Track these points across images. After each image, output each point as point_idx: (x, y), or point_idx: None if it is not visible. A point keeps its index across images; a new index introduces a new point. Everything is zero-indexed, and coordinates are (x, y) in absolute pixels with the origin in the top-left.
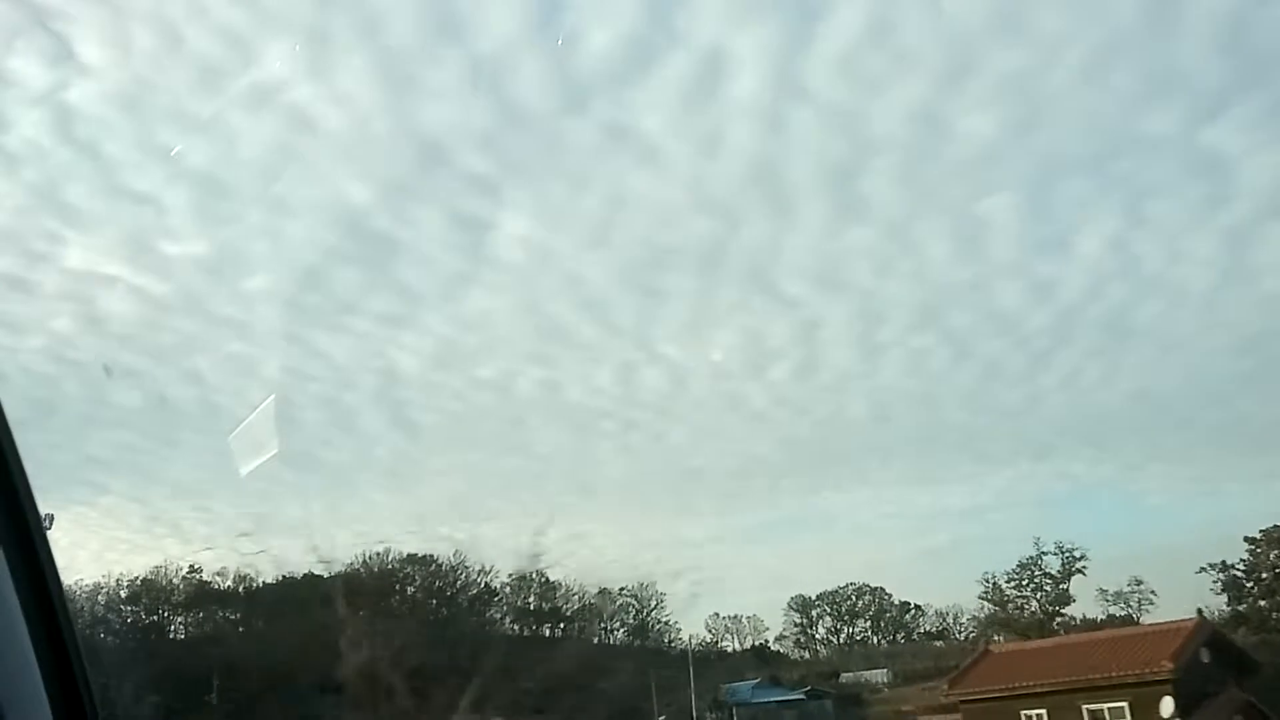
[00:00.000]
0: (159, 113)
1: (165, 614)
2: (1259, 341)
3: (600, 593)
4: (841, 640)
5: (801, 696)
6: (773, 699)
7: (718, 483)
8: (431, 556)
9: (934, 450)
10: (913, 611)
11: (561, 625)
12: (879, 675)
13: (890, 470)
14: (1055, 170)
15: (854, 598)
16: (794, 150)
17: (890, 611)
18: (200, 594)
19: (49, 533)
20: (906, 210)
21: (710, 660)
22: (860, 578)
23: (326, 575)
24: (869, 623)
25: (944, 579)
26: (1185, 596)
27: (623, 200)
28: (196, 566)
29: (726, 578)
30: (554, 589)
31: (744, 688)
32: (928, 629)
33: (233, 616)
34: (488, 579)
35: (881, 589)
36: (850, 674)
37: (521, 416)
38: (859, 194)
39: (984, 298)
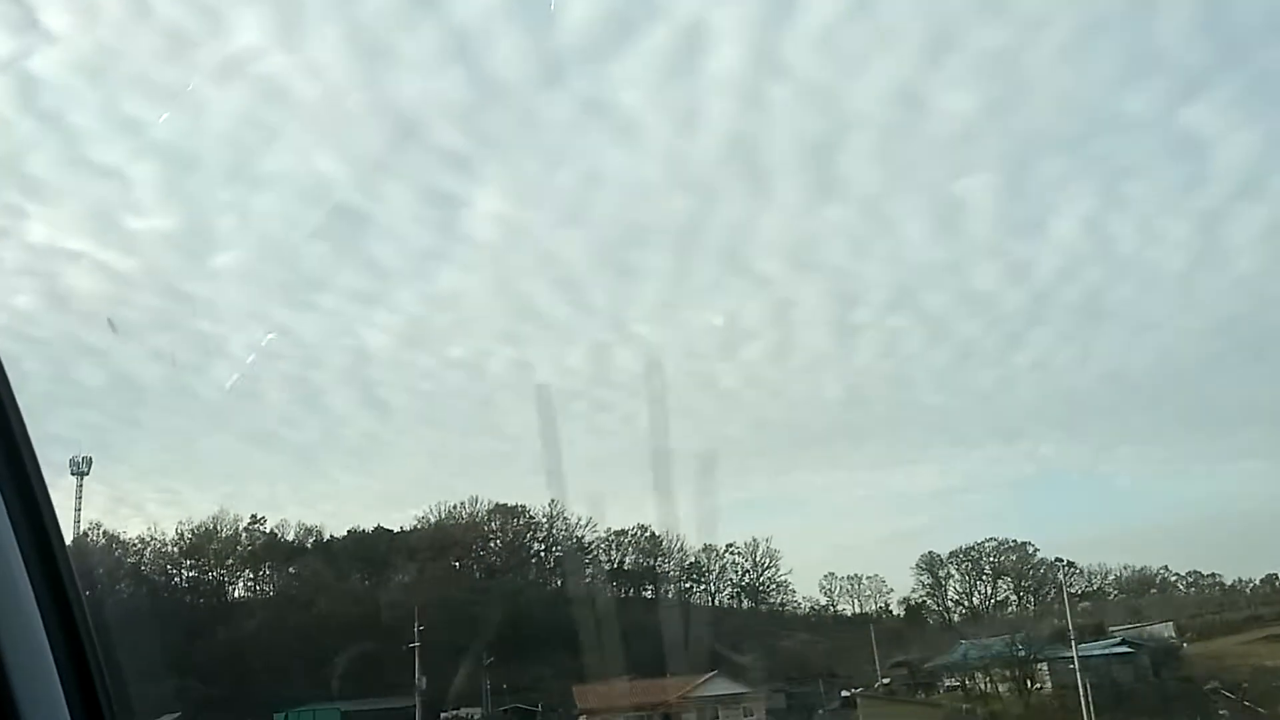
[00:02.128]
0: (126, 83)
1: (232, 568)
2: (1230, 324)
3: (705, 549)
4: (978, 601)
5: (1128, 649)
6: (1096, 652)
7: (688, 464)
8: (523, 507)
9: (907, 432)
10: (1065, 569)
11: (653, 585)
12: (1165, 629)
13: (863, 453)
14: (1033, 150)
15: (994, 555)
16: (772, 127)
17: (1041, 569)
18: (269, 547)
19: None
20: (883, 189)
21: (846, 623)
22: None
23: (397, 530)
24: (1012, 582)
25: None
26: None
27: (598, 177)
28: (259, 518)
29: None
30: (657, 543)
31: (995, 643)
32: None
33: (303, 573)
34: (582, 533)
35: (1028, 544)
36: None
37: (492, 397)
38: (836, 172)
39: (959, 278)
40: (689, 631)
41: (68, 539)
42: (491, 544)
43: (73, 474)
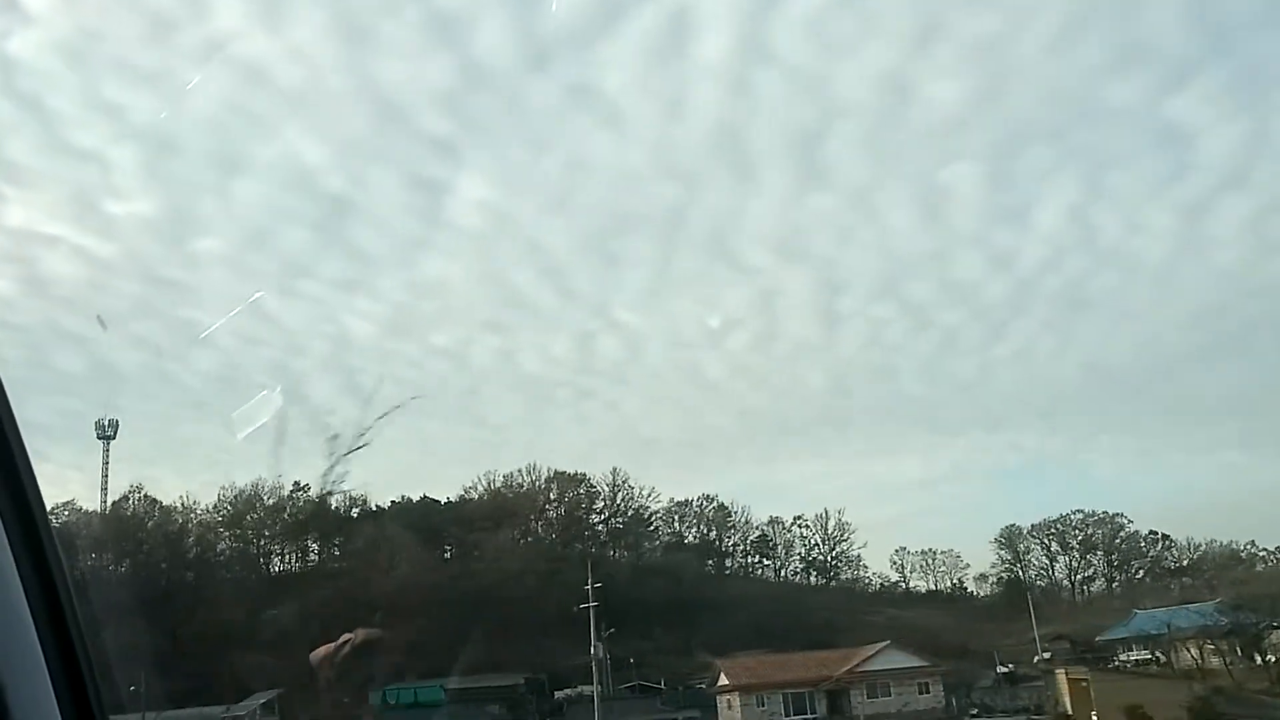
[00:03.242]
0: (106, 65)
1: (279, 537)
2: (1210, 315)
3: (771, 521)
4: (1065, 575)
5: None
6: None
7: (672, 452)
8: (582, 475)
9: (890, 422)
10: (1161, 543)
11: (717, 558)
12: None
13: (847, 442)
14: (1019, 139)
15: (1086, 527)
16: (758, 115)
17: (1137, 543)
18: (318, 516)
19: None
20: (869, 178)
21: (928, 599)
22: None
23: (445, 501)
24: (1103, 556)
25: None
26: None
27: (584, 164)
28: (304, 485)
29: None
30: (725, 514)
31: (1161, 615)
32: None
33: (359, 543)
34: (645, 502)
35: (1119, 515)
36: None
37: (477, 386)
38: (822, 160)
39: (943, 267)
40: (779, 606)
41: (95, 505)
42: (550, 513)
43: (99, 438)
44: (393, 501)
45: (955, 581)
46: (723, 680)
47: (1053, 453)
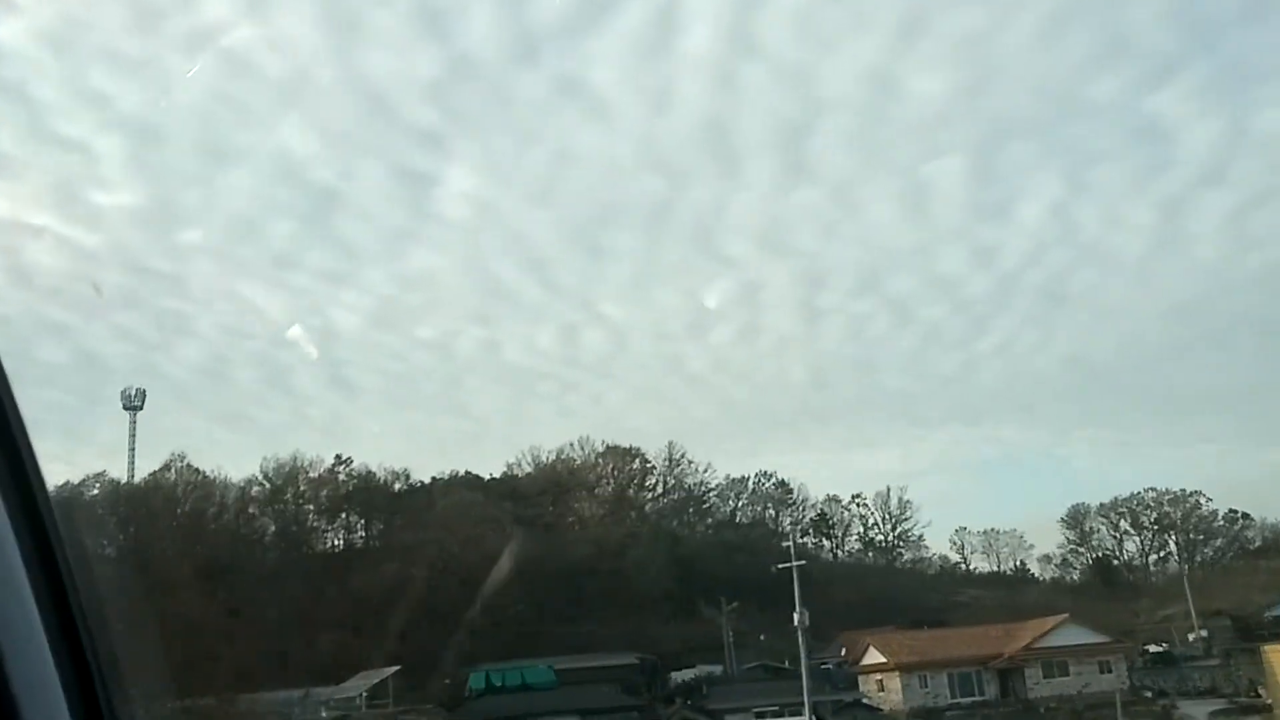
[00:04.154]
0: (91, 54)
1: (325, 513)
2: (1188, 309)
3: (828, 500)
4: (1136, 555)
5: None
6: None
7: (655, 444)
8: (637, 449)
9: (872, 415)
10: (1240, 522)
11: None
12: None
13: (829, 435)
14: (1002, 134)
15: (1160, 505)
16: (744, 108)
17: (1212, 522)
18: (366, 490)
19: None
20: (853, 172)
21: (997, 580)
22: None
23: (489, 477)
24: (1178, 537)
25: None
26: None
27: (570, 156)
28: (345, 458)
29: None
30: (786, 490)
31: None
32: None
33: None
34: (702, 477)
35: (1197, 493)
36: None
37: (460, 377)
38: (807, 155)
39: (926, 262)
40: (862, 584)
41: (123, 477)
42: (602, 489)
43: (125, 409)
44: (433, 477)
45: (1018, 563)
46: (875, 658)
47: (1033, 445)
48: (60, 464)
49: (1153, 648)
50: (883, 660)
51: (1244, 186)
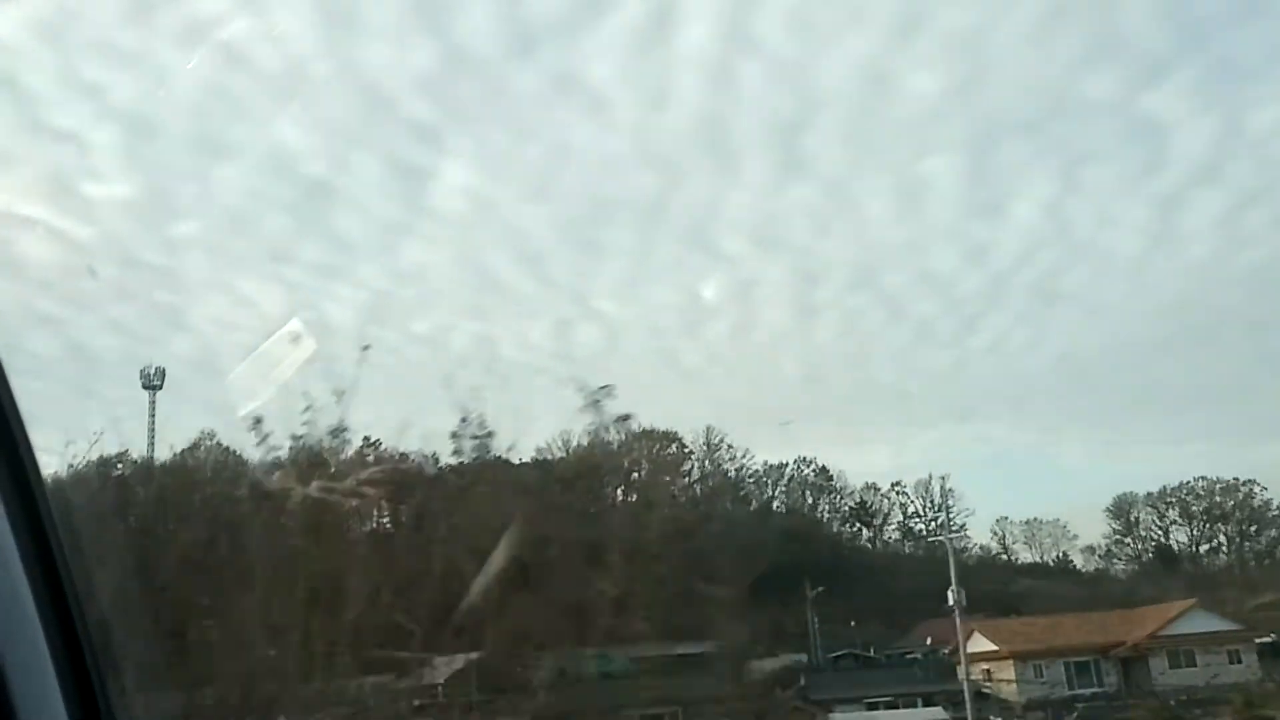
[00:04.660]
0: (84, 45)
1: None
2: (1179, 308)
3: (867, 487)
4: (1186, 545)
5: None
6: None
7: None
8: (674, 433)
9: (863, 411)
10: None
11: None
12: None
13: (820, 432)
14: (996, 132)
15: (1211, 495)
16: (740, 104)
17: (1265, 512)
18: (397, 472)
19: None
20: (848, 169)
21: (1045, 570)
22: None
23: (517, 461)
24: (1235, 526)
25: None
26: None
27: (566, 151)
28: (374, 440)
29: None
30: (827, 476)
31: None
32: None
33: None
34: (743, 462)
35: (1252, 481)
36: None
37: (454, 373)
38: (802, 151)
39: (920, 259)
40: (919, 575)
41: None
42: (639, 473)
43: (144, 387)
44: (462, 462)
45: (1061, 554)
46: (982, 645)
47: (1022, 443)
48: (49, 455)
49: (1263, 639)
50: (992, 648)
51: (1236, 185)
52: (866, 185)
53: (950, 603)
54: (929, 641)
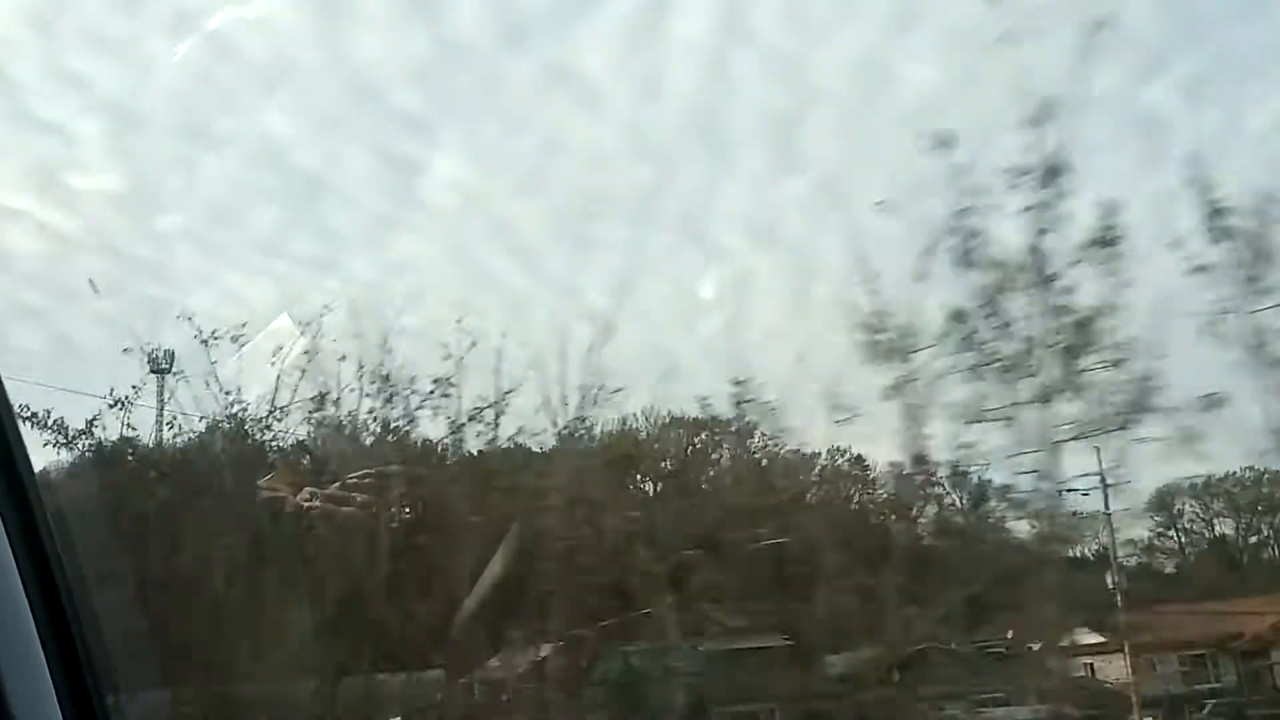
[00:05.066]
0: (71, 34)
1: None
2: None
3: (900, 477)
4: (1232, 538)
5: None
6: None
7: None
8: (706, 419)
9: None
10: None
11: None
12: None
13: (812, 431)
14: (992, 126)
15: (1254, 486)
16: (736, 97)
17: None
18: (419, 460)
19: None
20: (844, 163)
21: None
22: None
23: (537, 449)
24: None
25: None
26: None
27: (559, 144)
28: (395, 427)
29: None
30: (862, 463)
31: None
32: None
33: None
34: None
35: None
36: None
37: (445, 369)
38: (798, 145)
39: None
40: (975, 566)
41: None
42: (670, 461)
43: (152, 371)
44: (480, 450)
45: (1101, 548)
46: (1086, 637)
47: None
48: (33, 455)
49: None
50: (1098, 640)
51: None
52: (862, 179)
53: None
54: (1009, 634)
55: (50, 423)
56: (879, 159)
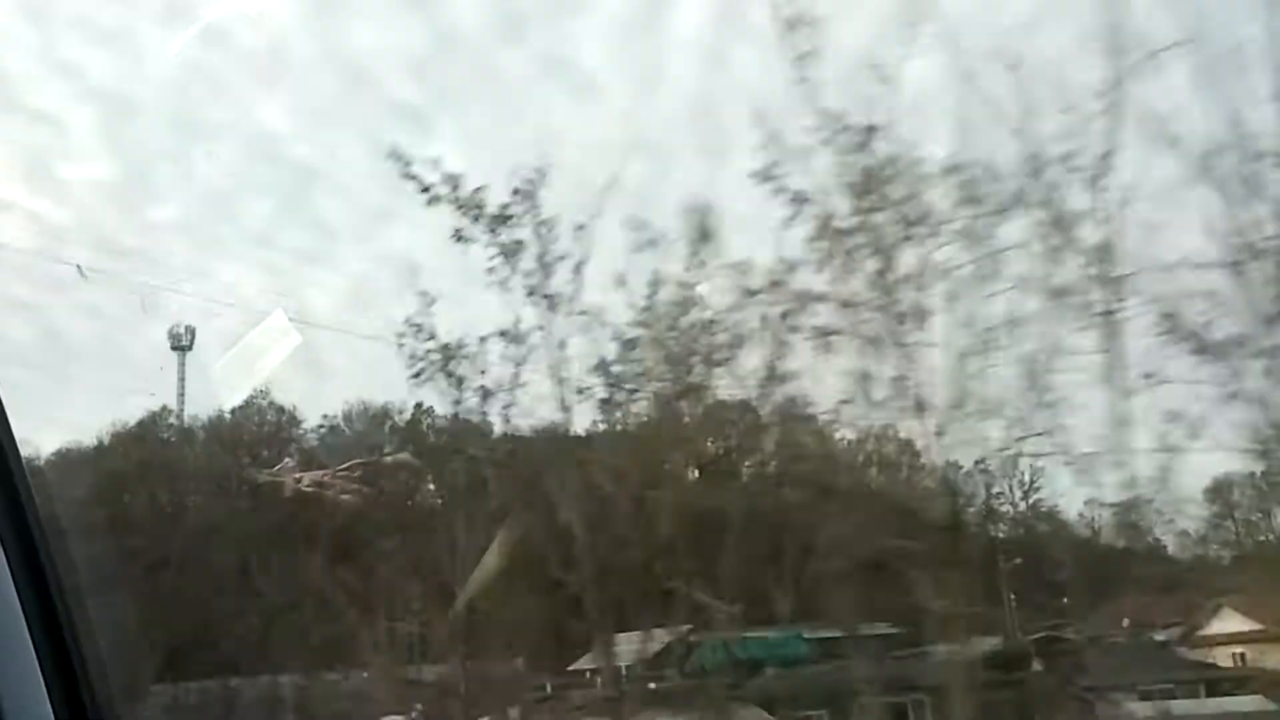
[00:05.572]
0: (62, 23)
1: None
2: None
3: (948, 465)
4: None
5: None
6: None
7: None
8: (746, 402)
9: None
10: None
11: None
12: None
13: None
14: (988, 124)
15: None
16: (732, 89)
17: None
18: (454, 441)
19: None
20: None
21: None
22: None
23: (580, 433)
24: None
25: None
26: None
27: (555, 136)
28: (427, 407)
29: None
30: (911, 448)
31: None
32: None
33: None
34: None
35: None
36: None
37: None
38: (793, 140)
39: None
40: (1039, 557)
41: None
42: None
43: (173, 349)
44: (511, 433)
45: (1154, 539)
46: (1231, 625)
47: None
48: (21, 447)
49: None
50: (1254, 627)
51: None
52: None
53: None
54: (1125, 623)
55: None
56: None
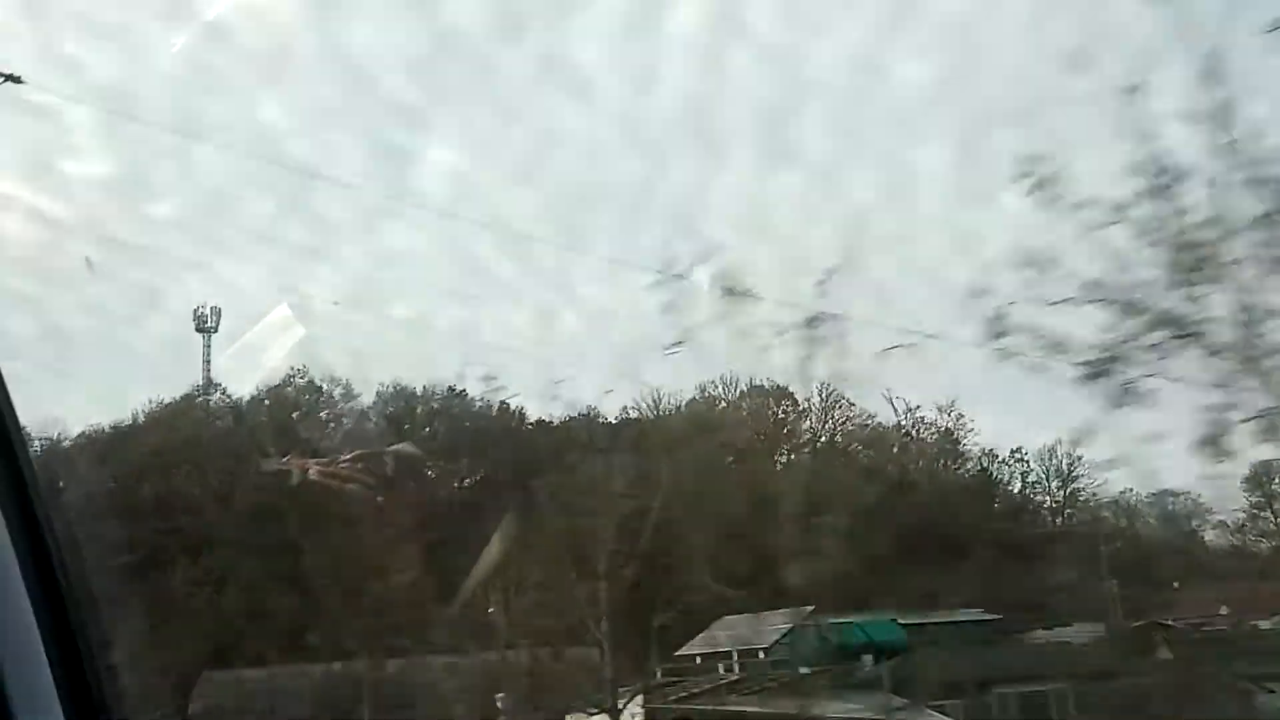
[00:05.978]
0: (64, 20)
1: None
2: None
3: (984, 454)
4: None
5: None
6: None
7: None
8: (784, 388)
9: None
10: None
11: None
12: None
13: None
14: (986, 122)
15: None
16: (728, 90)
17: None
18: (503, 420)
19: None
20: (837, 157)
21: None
22: None
23: (614, 420)
24: None
25: None
26: None
27: (553, 135)
28: (459, 390)
29: None
30: (951, 437)
31: None
32: None
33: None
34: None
35: None
36: None
37: (435, 357)
38: (791, 138)
39: (908, 250)
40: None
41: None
42: (746, 432)
43: (198, 330)
44: (541, 420)
45: (1192, 528)
46: None
47: None
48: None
49: None
50: None
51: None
52: (856, 173)
53: None
54: (1223, 610)
55: None
56: None
